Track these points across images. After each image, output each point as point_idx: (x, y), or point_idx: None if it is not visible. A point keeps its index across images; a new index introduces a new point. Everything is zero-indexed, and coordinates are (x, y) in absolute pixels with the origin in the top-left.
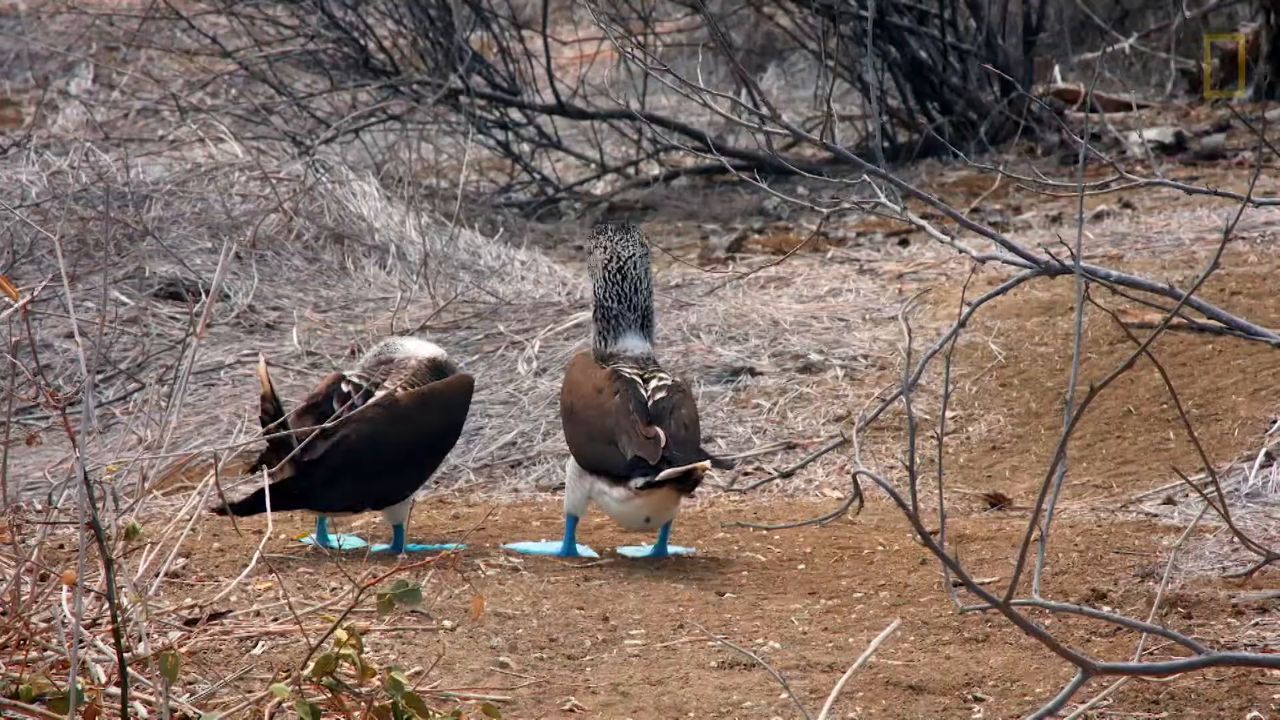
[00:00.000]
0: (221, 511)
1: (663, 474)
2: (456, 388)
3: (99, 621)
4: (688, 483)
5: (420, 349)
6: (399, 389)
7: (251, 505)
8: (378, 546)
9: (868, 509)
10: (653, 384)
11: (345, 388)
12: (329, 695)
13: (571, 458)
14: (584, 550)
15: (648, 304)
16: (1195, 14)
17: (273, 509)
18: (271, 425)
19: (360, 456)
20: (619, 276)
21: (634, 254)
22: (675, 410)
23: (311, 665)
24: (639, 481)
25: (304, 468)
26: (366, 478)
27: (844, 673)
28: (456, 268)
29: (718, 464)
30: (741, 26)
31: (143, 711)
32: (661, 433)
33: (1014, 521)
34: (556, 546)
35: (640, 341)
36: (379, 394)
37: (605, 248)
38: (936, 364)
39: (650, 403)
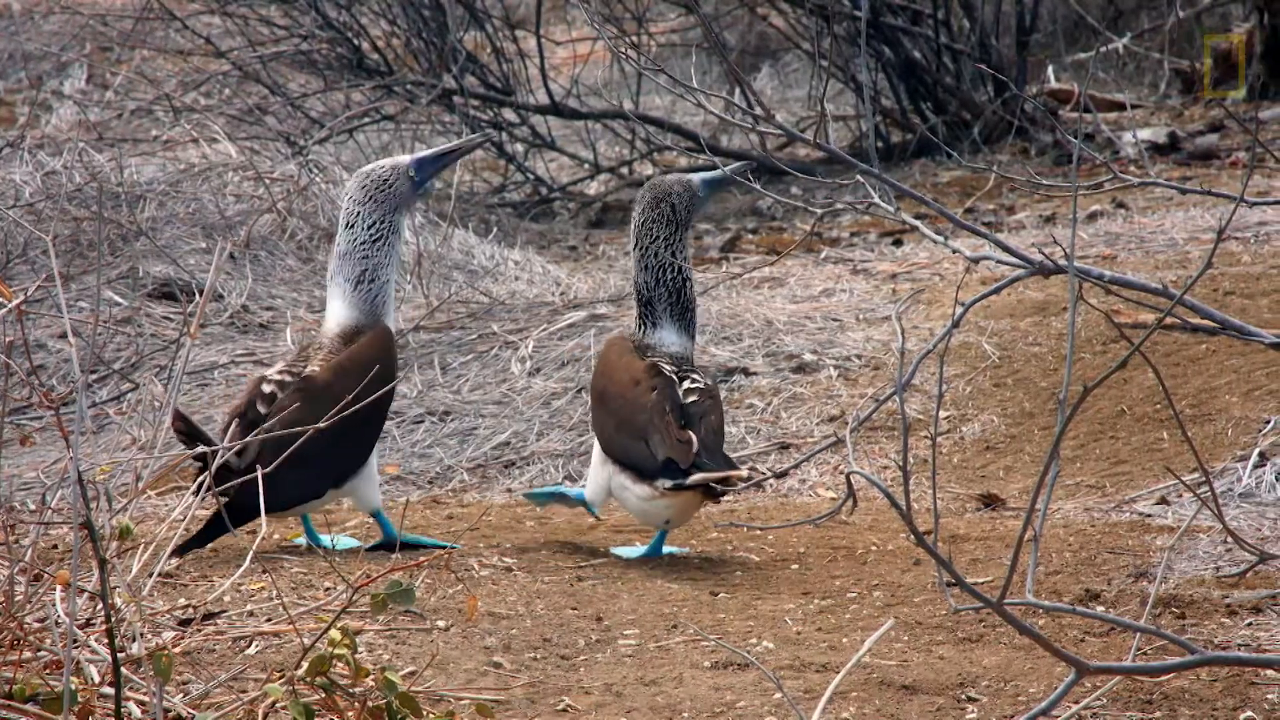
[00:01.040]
0: (181, 552)
1: (694, 478)
2: (371, 345)
3: (93, 621)
4: (715, 490)
5: (329, 321)
6: (314, 368)
7: (205, 536)
8: (375, 544)
9: (861, 509)
10: (685, 384)
11: (266, 388)
12: (323, 695)
13: (596, 442)
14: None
15: (683, 289)
16: (1189, 14)
17: (233, 526)
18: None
19: (289, 446)
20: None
21: (682, 200)
22: (706, 416)
23: (305, 665)
24: (667, 483)
25: (245, 478)
26: (309, 463)
27: (838, 673)
28: (450, 268)
29: (749, 480)
30: (735, 27)
31: (136, 712)
32: (694, 436)
33: (1008, 521)
34: (580, 490)
35: (677, 337)
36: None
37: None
38: (930, 364)
39: (686, 404)
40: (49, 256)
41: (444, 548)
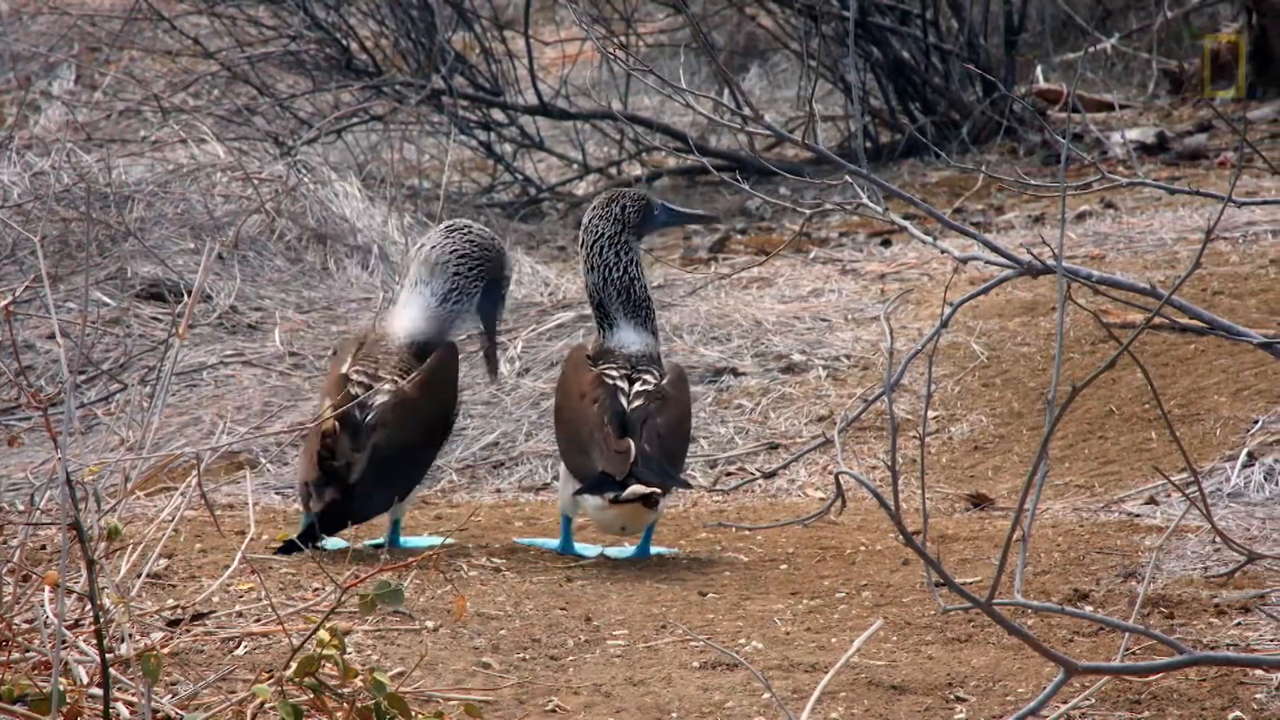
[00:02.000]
0: (286, 550)
1: (625, 493)
2: (446, 362)
3: (81, 622)
4: (651, 500)
5: (397, 329)
6: (396, 380)
7: (306, 538)
8: (370, 541)
9: (850, 509)
10: (636, 387)
11: (354, 390)
12: (311, 696)
13: None
14: (584, 548)
15: (631, 287)
16: (1177, 14)
17: (326, 533)
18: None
19: (393, 462)
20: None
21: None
22: (650, 419)
23: (294, 666)
24: (610, 494)
25: (348, 488)
26: (395, 477)
27: (826, 673)
28: None
29: (681, 485)
30: (724, 27)
31: (125, 712)
32: (632, 446)
33: (996, 521)
34: (556, 543)
35: (637, 335)
36: (383, 390)
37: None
38: (919, 364)
39: (629, 410)
40: (37, 257)
41: (437, 545)
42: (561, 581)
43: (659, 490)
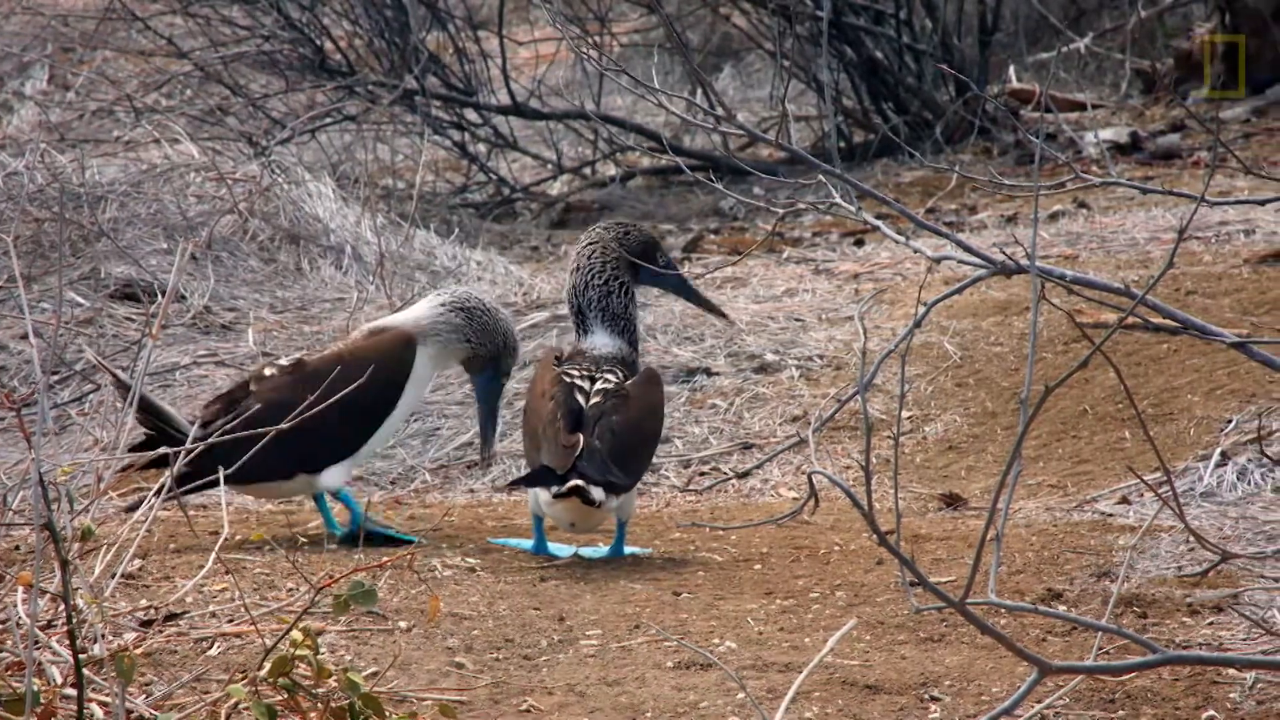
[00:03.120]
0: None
1: (562, 488)
2: (381, 345)
3: (55, 623)
4: (587, 496)
5: (389, 319)
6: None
7: (182, 484)
8: (376, 529)
9: (824, 509)
10: (597, 385)
11: (269, 371)
12: (285, 696)
13: None
14: (557, 548)
15: (608, 297)
16: (1150, 14)
17: (185, 491)
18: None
19: (261, 424)
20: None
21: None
22: (605, 416)
23: (268, 666)
24: (555, 489)
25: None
26: (275, 444)
27: (800, 672)
28: (412, 268)
29: (621, 486)
30: (697, 27)
31: (99, 713)
32: (581, 441)
33: (970, 521)
34: (529, 543)
35: (610, 340)
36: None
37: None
38: (892, 364)
39: (587, 407)
40: (10, 257)
41: (407, 540)
42: (535, 582)
43: (582, 484)
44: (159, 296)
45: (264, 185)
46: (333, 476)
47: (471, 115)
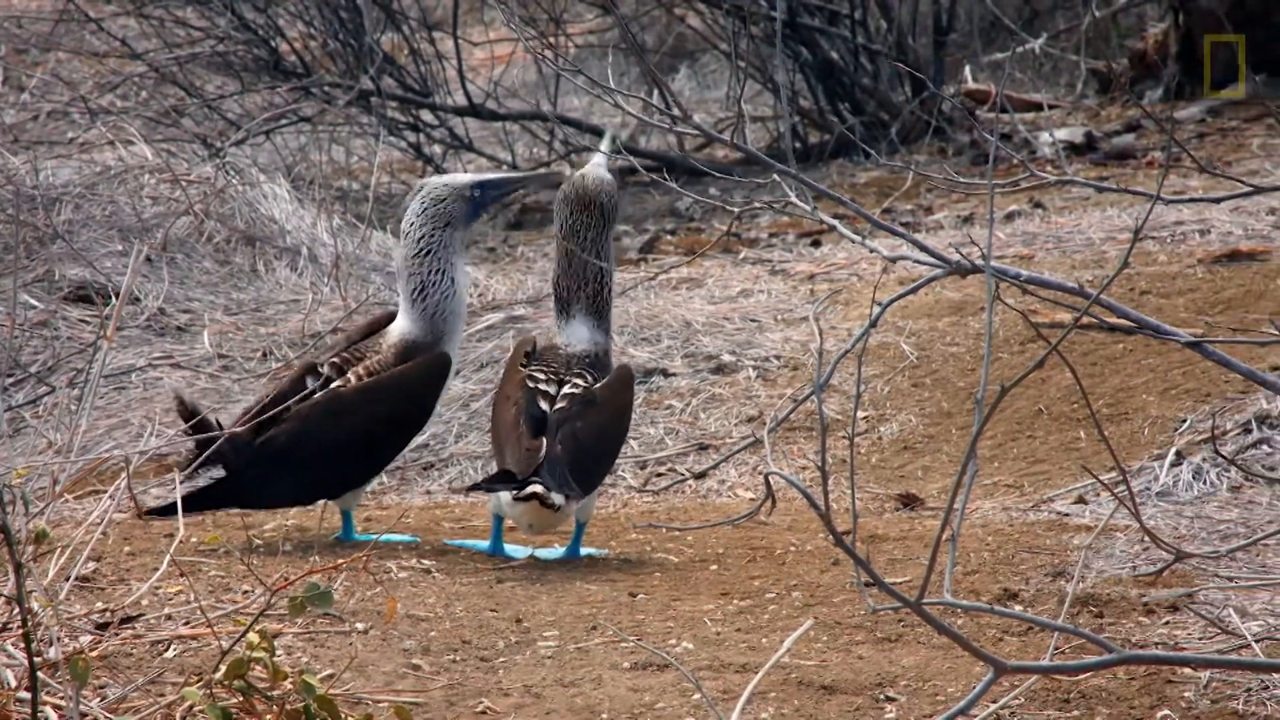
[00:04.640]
0: (139, 515)
1: (527, 490)
2: (414, 374)
3: (9, 626)
4: (548, 500)
5: (394, 329)
6: (350, 380)
7: (174, 508)
8: (365, 535)
9: (780, 509)
10: (565, 389)
11: (310, 381)
12: (241, 699)
13: None
14: (513, 549)
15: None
16: (1104, 14)
17: (202, 510)
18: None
19: (291, 455)
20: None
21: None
22: (569, 422)
23: (223, 669)
24: (515, 492)
25: (236, 468)
26: (301, 474)
27: (757, 673)
28: (368, 270)
29: (576, 495)
30: (653, 28)
31: (53, 716)
32: (543, 446)
33: (926, 521)
34: (486, 544)
35: (589, 333)
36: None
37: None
38: (848, 364)
39: (551, 412)
40: None
41: (396, 540)
42: (492, 583)
43: (542, 490)
44: (113, 298)
45: (219, 187)
46: (351, 497)
47: (427, 116)
